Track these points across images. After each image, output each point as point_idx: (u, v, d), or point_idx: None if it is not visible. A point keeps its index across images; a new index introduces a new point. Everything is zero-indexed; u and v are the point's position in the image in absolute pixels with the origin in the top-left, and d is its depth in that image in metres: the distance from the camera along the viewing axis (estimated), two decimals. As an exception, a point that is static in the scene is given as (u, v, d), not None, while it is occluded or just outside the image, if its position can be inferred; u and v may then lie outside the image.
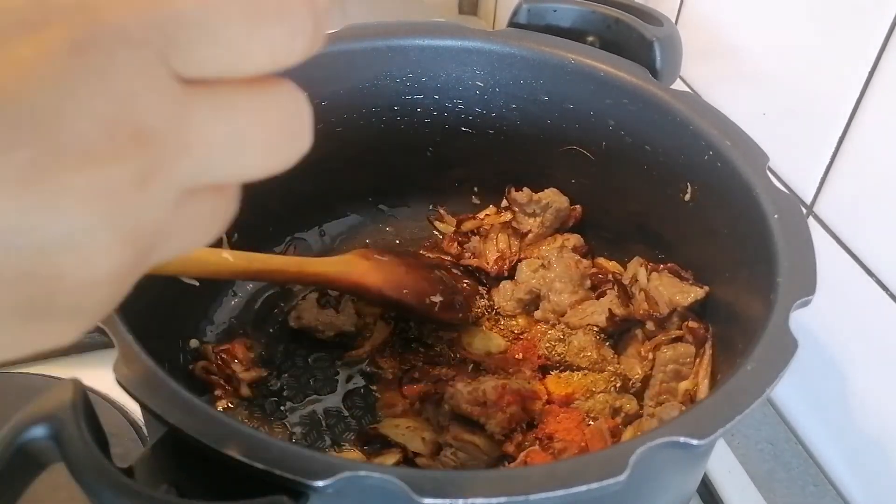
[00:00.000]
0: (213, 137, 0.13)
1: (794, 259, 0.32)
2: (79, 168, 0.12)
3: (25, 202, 0.11)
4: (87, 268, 0.12)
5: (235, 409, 0.40)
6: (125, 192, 0.12)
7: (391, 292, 0.42)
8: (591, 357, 0.41)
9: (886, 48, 0.39)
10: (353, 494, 0.24)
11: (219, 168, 0.14)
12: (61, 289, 0.12)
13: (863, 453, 0.45)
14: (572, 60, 0.44)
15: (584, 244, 0.48)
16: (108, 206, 0.12)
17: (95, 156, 0.12)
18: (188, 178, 0.13)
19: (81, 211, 0.12)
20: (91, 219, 0.12)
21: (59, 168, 0.11)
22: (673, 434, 0.25)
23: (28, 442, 0.24)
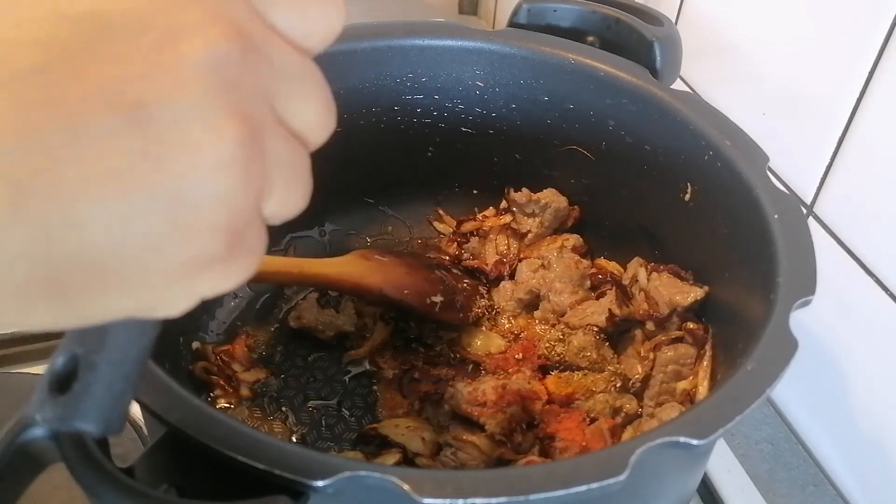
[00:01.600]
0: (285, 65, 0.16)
1: (794, 259, 0.32)
2: (192, 43, 0.14)
3: (156, 78, 0.14)
4: (211, 140, 0.14)
5: (235, 409, 0.40)
6: (230, 68, 0.14)
7: (392, 293, 0.42)
8: (591, 357, 0.41)
9: (886, 48, 0.39)
10: (353, 494, 0.24)
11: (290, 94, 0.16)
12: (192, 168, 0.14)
13: (862, 453, 0.45)
14: (572, 60, 0.44)
15: (583, 244, 0.48)
16: (220, 81, 0.14)
17: (204, 33, 0.14)
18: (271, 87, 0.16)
19: (199, 84, 0.14)
20: (207, 92, 0.14)
21: (177, 45, 0.14)
22: (673, 434, 0.25)
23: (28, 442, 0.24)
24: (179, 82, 0.14)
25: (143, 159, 0.14)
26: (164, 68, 0.14)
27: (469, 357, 0.43)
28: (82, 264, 0.14)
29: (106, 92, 0.14)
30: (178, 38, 0.14)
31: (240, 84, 0.15)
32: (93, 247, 0.14)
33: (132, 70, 0.14)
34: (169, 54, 0.14)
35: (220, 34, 0.14)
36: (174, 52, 0.14)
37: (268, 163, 0.16)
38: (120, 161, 0.14)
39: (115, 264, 0.14)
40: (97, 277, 0.14)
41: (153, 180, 0.14)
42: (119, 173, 0.14)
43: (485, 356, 0.43)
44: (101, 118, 0.13)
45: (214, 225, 0.15)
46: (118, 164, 0.14)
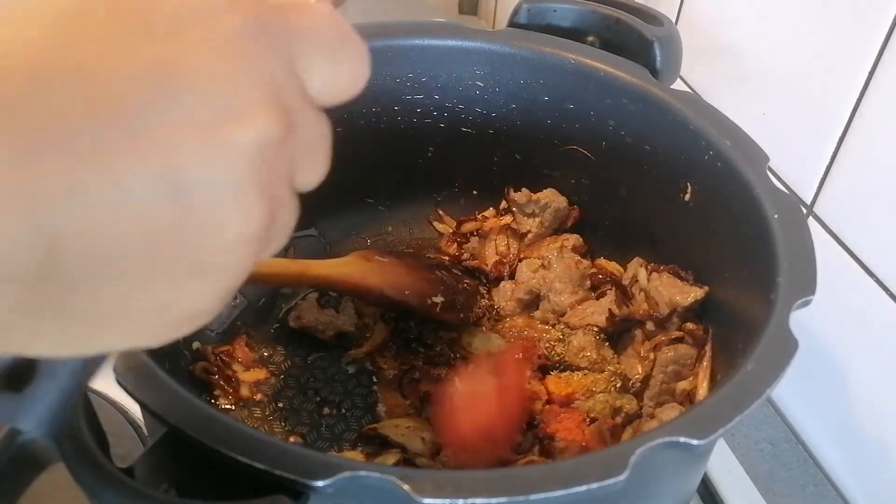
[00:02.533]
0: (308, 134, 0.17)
1: (795, 259, 0.32)
2: (244, 126, 0.14)
3: (205, 155, 0.14)
4: (239, 221, 0.15)
5: (235, 409, 0.40)
6: (269, 153, 0.15)
7: (392, 293, 0.42)
8: (591, 357, 0.40)
9: (887, 48, 0.39)
10: (353, 494, 0.24)
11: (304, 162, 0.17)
12: (214, 244, 0.15)
13: (863, 453, 0.45)
14: (572, 60, 0.44)
15: (583, 244, 0.48)
16: (259, 165, 0.15)
17: (255, 117, 0.15)
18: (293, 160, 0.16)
19: (243, 167, 0.14)
20: (247, 175, 0.15)
21: (230, 125, 0.14)
22: (673, 434, 0.25)
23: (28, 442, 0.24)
24: (224, 162, 0.14)
25: (174, 230, 0.14)
26: (214, 146, 0.14)
27: (469, 357, 0.43)
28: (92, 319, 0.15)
29: (155, 159, 0.14)
30: (233, 117, 0.14)
31: (274, 164, 0.15)
32: (106, 306, 0.14)
33: (183, 141, 0.14)
34: (220, 132, 0.14)
35: (270, 119, 0.15)
36: (226, 131, 0.14)
37: (276, 229, 0.16)
38: (153, 228, 0.14)
39: (125, 319, 0.15)
40: (101, 330, 0.15)
41: (177, 251, 0.14)
42: (149, 241, 0.14)
43: (485, 356, 0.43)
44: (145, 184, 0.14)
45: (217, 289, 0.16)
46: (151, 231, 0.14)
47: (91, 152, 0.13)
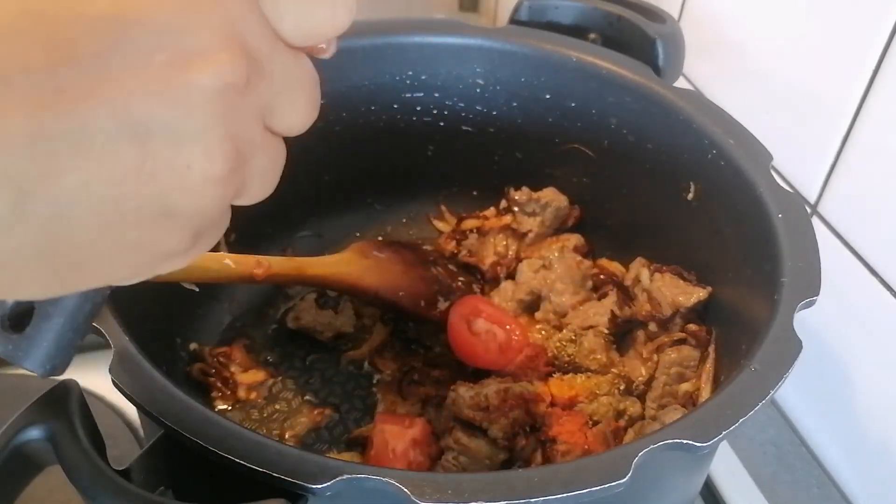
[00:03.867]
0: (284, 77, 0.17)
1: (799, 259, 0.31)
2: (202, 69, 0.15)
3: (164, 98, 0.14)
4: (202, 163, 0.15)
5: (233, 411, 0.40)
6: (233, 95, 0.15)
7: (387, 294, 0.42)
8: (601, 360, 0.40)
9: (891, 46, 0.39)
10: (352, 497, 0.24)
11: (282, 105, 0.17)
12: (180, 186, 0.15)
13: (867, 456, 0.44)
14: (574, 58, 0.43)
15: (585, 244, 0.47)
16: (221, 107, 0.15)
17: (215, 59, 0.15)
18: (266, 103, 0.16)
19: (203, 109, 0.15)
20: (208, 118, 0.15)
21: (188, 68, 0.15)
22: (676, 436, 0.25)
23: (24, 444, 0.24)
24: (184, 105, 0.15)
25: (137, 171, 0.15)
26: (172, 89, 0.15)
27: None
28: (68, 256, 0.15)
29: (114, 106, 0.14)
30: (191, 60, 0.15)
31: (238, 107, 0.16)
32: (80, 243, 0.15)
33: (142, 87, 0.14)
34: (179, 76, 0.15)
35: (230, 61, 0.15)
36: (184, 74, 0.15)
37: (250, 172, 0.17)
38: (117, 171, 0.14)
39: (97, 258, 0.16)
40: (78, 266, 0.15)
41: (143, 191, 0.15)
42: (114, 183, 0.14)
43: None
44: (106, 131, 0.14)
45: (187, 228, 0.16)
46: (115, 174, 0.14)
47: (52, 98, 0.14)
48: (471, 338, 0.41)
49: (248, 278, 0.36)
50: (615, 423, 0.37)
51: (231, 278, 0.36)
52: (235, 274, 0.35)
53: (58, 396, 0.25)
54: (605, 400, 0.38)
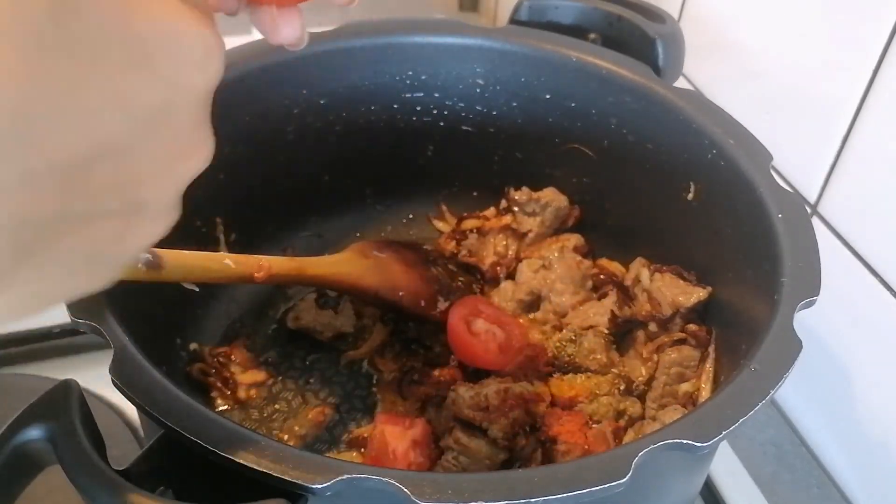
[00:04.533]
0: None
1: (799, 259, 0.31)
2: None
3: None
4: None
5: (233, 411, 0.40)
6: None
7: (386, 294, 0.42)
8: (601, 360, 0.40)
9: (891, 46, 0.39)
10: (352, 497, 0.24)
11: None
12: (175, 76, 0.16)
13: (867, 455, 0.44)
14: (574, 58, 0.43)
15: (585, 244, 0.47)
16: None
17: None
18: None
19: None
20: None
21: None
22: (676, 436, 0.25)
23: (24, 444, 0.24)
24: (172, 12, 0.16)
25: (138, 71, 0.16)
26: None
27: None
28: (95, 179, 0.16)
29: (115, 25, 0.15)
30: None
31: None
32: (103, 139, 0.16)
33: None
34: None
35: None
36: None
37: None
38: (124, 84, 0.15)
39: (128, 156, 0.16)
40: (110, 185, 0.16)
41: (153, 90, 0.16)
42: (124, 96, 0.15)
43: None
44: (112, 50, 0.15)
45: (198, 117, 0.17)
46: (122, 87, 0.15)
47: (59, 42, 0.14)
48: (470, 338, 0.41)
49: (248, 278, 0.36)
50: (615, 423, 0.37)
51: (231, 278, 0.36)
52: (236, 274, 0.35)
53: (58, 396, 0.25)
54: (605, 400, 0.38)
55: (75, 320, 0.28)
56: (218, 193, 0.41)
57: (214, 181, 0.42)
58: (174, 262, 0.31)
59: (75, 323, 0.28)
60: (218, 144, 0.19)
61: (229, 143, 0.42)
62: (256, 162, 0.43)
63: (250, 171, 0.43)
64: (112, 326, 0.28)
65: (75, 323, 0.28)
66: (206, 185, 0.46)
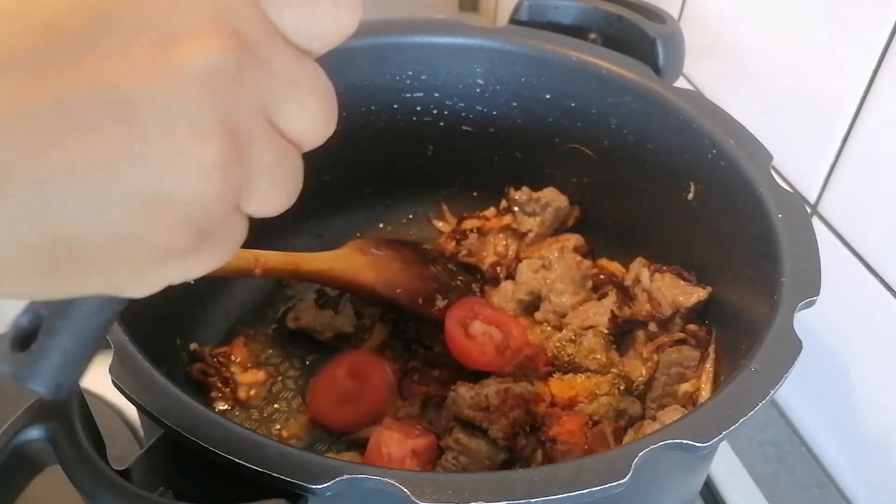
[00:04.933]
0: (285, 72, 0.16)
1: (799, 259, 0.31)
2: (189, 47, 0.14)
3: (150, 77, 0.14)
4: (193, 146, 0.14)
5: (233, 411, 0.40)
6: (223, 77, 0.15)
7: (384, 291, 0.42)
8: (601, 360, 0.40)
9: (891, 46, 0.39)
10: (352, 497, 0.24)
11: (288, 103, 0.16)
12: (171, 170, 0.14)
13: (868, 456, 0.44)
14: (574, 58, 0.43)
15: (585, 244, 0.47)
16: (211, 88, 0.15)
17: (203, 39, 0.14)
18: (266, 95, 0.16)
19: (191, 89, 0.14)
20: (197, 98, 0.14)
21: (175, 47, 0.14)
22: (676, 436, 0.25)
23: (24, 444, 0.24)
24: (172, 85, 0.14)
25: (126, 154, 0.14)
26: (159, 69, 0.14)
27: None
28: (58, 247, 0.14)
29: (99, 84, 0.14)
30: (178, 40, 0.14)
31: (232, 92, 0.15)
32: (69, 232, 0.14)
33: (127, 66, 0.14)
34: (165, 56, 0.14)
35: (219, 42, 0.15)
36: (171, 54, 0.14)
37: (252, 167, 0.16)
38: (103, 153, 0.14)
39: (89, 250, 0.15)
40: (71, 260, 0.15)
41: (132, 175, 0.14)
42: (101, 165, 0.14)
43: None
44: (91, 109, 0.14)
45: (186, 222, 0.15)
46: (101, 155, 0.14)
47: (36, 76, 0.13)
48: (467, 341, 0.41)
49: (244, 272, 0.36)
50: (615, 423, 0.37)
51: (227, 271, 0.35)
52: (232, 267, 0.35)
53: (58, 396, 0.24)
54: (605, 400, 0.38)
55: (75, 320, 0.28)
56: (218, 193, 0.41)
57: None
58: None
59: (75, 323, 0.28)
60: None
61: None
62: (256, 162, 0.43)
63: (250, 171, 0.43)
64: (112, 326, 0.28)
65: (75, 323, 0.28)
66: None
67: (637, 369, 0.40)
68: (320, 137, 0.18)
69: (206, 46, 0.14)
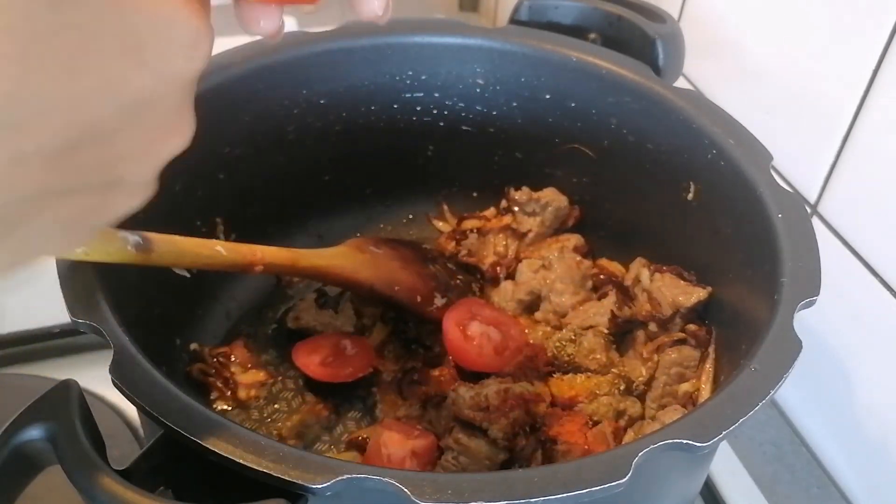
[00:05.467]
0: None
1: (799, 259, 0.31)
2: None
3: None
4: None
5: (233, 411, 0.40)
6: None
7: (382, 288, 0.42)
8: (600, 360, 0.40)
9: (891, 46, 0.39)
10: (352, 497, 0.24)
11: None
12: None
13: (867, 456, 0.44)
14: (574, 58, 0.43)
15: (584, 244, 0.47)
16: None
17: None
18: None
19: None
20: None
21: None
22: (676, 436, 0.25)
23: (24, 444, 0.24)
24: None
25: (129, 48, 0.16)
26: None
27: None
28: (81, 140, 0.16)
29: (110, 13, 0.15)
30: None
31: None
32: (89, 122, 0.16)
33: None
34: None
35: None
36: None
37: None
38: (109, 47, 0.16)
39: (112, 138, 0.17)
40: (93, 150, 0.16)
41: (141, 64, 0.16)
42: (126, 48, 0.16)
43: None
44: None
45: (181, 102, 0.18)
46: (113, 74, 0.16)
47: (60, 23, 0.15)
48: (464, 344, 0.41)
49: (240, 267, 0.35)
50: (615, 423, 0.37)
51: (224, 266, 0.35)
52: (227, 261, 0.35)
53: (58, 396, 0.25)
54: (605, 400, 0.38)
55: (75, 320, 0.28)
56: (218, 193, 0.41)
57: (214, 181, 0.42)
58: (165, 247, 0.31)
59: (75, 323, 0.28)
60: (218, 144, 0.20)
61: (229, 143, 0.42)
62: (256, 162, 0.43)
63: (250, 171, 0.43)
64: (112, 326, 0.28)
65: (75, 323, 0.28)
66: (206, 185, 0.46)
67: (637, 369, 0.40)
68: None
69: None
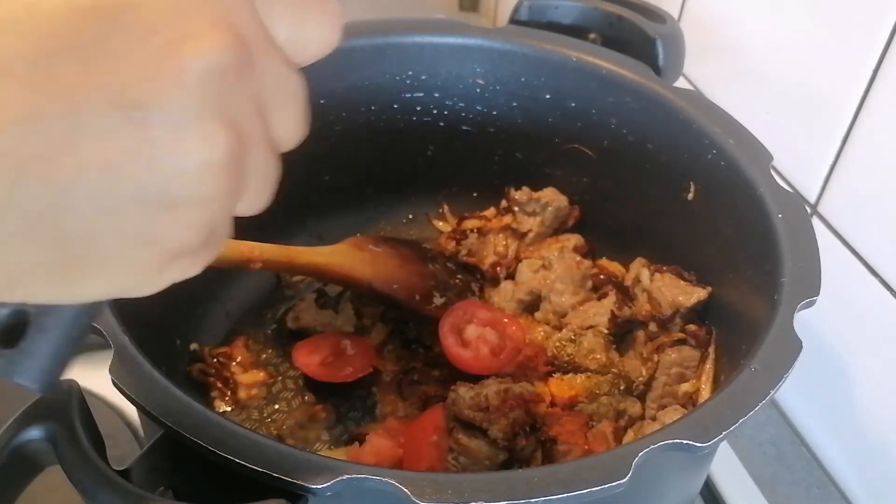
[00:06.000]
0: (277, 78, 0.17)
1: (799, 259, 0.31)
2: (195, 48, 0.15)
3: (158, 80, 0.14)
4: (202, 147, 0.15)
5: (233, 411, 0.40)
6: (228, 76, 0.15)
7: (380, 287, 0.42)
8: (600, 360, 0.40)
9: (891, 46, 0.39)
10: (352, 497, 0.24)
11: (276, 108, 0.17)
12: (180, 172, 0.15)
13: (867, 455, 0.44)
14: (574, 58, 0.43)
15: (585, 244, 0.47)
16: (217, 88, 0.15)
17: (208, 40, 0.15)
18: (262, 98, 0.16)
19: (199, 90, 0.15)
20: (204, 99, 0.15)
21: (181, 49, 0.15)
22: (676, 436, 0.25)
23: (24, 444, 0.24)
24: (179, 87, 0.15)
25: (135, 156, 0.15)
26: (166, 72, 0.15)
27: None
28: (69, 248, 0.15)
29: (108, 88, 0.14)
30: (183, 42, 0.15)
31: (235, 93, 0.16)
32: (82, 233, 0.15)
33: (135, 70, 0.14)
34: (172, 58, 0.15)
35: (223, 43, 0.15)
36: (177, 56, 0.15)
37: (250, 167, 0.17)
38: (113, 156, 0.14)
39: (100, 251, 0.15)
40: (82, 262, 0.15)
41: (142, 179, 0.15)
42: (111, 167, 0.14)
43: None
44: (100, 113, 0.14)
45: (194, 223, 0.16)
46: (111, 158, 0.14)
47: (47, 83, 0.14)
48: (460, 350, 0.40)
49: (237, 263, 0.35)
50: (615, 423, 0.37)
51: (221, 262, 0.35)
52: (225, 258, 0.35)
53: (58, 396, 0.25)
54: (605, 400, 0.38)
55: (75, 320, 0.28)
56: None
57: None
58: None
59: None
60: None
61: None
62: (256, 162, 0.43)
63: (250, 171, 0.43)
64: (112, 326, 0.28)
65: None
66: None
67: (637, 369, 0.40)
68: (295, 142, 0.18)
69: (211, 44, 0.15)
